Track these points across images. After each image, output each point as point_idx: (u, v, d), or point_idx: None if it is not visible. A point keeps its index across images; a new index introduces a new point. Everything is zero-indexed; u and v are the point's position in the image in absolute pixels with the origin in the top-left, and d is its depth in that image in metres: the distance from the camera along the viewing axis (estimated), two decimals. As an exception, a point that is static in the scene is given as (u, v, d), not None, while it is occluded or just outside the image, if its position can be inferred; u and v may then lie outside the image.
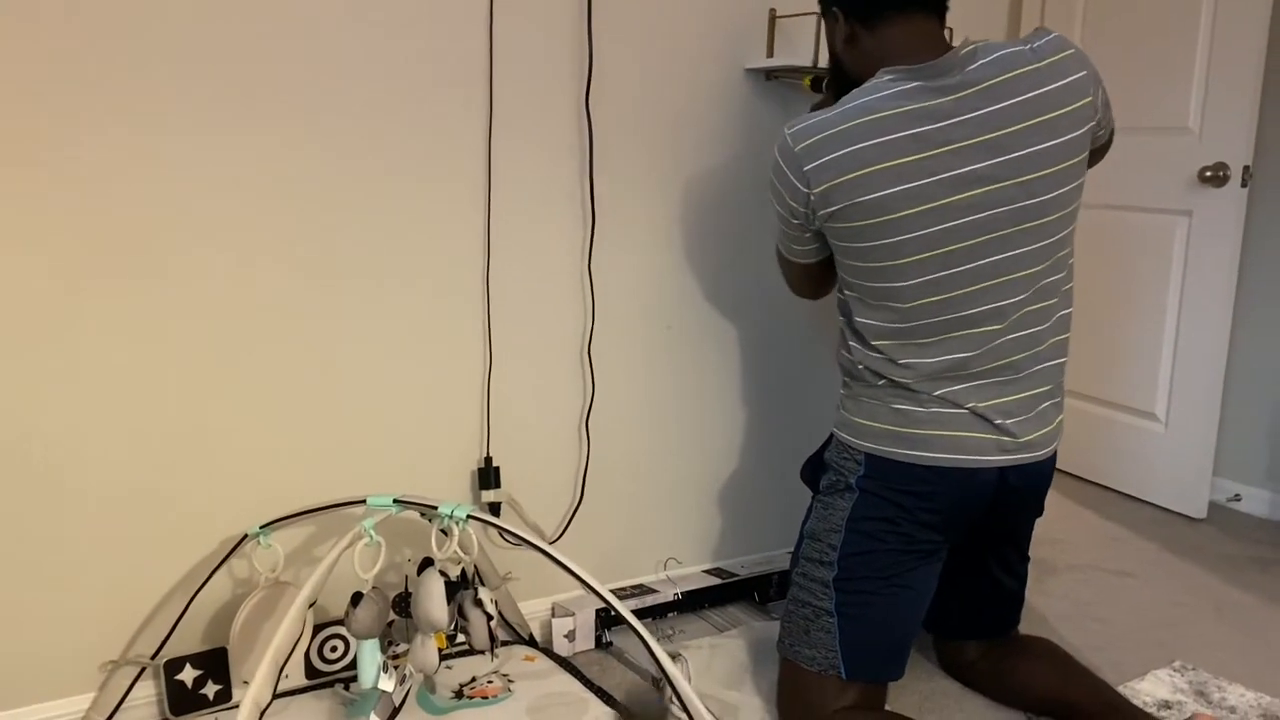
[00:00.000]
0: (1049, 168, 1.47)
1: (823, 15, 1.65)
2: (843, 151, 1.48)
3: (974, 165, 1.45)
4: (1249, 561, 2.68)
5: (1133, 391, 3.11)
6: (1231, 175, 2.77)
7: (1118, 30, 3.06)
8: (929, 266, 1.50)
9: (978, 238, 1.48)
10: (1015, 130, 1.46)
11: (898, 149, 1.46)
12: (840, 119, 1.49)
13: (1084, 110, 1.49)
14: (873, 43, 1.55)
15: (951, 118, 1.45)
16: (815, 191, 1.52)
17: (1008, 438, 1.57)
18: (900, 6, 1.52)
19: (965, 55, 1.48)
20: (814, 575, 1.67)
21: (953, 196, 1.46)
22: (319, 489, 1.79)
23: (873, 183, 1.47)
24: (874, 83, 1.51)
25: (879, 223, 1.49)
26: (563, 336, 2.00)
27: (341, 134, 1.70)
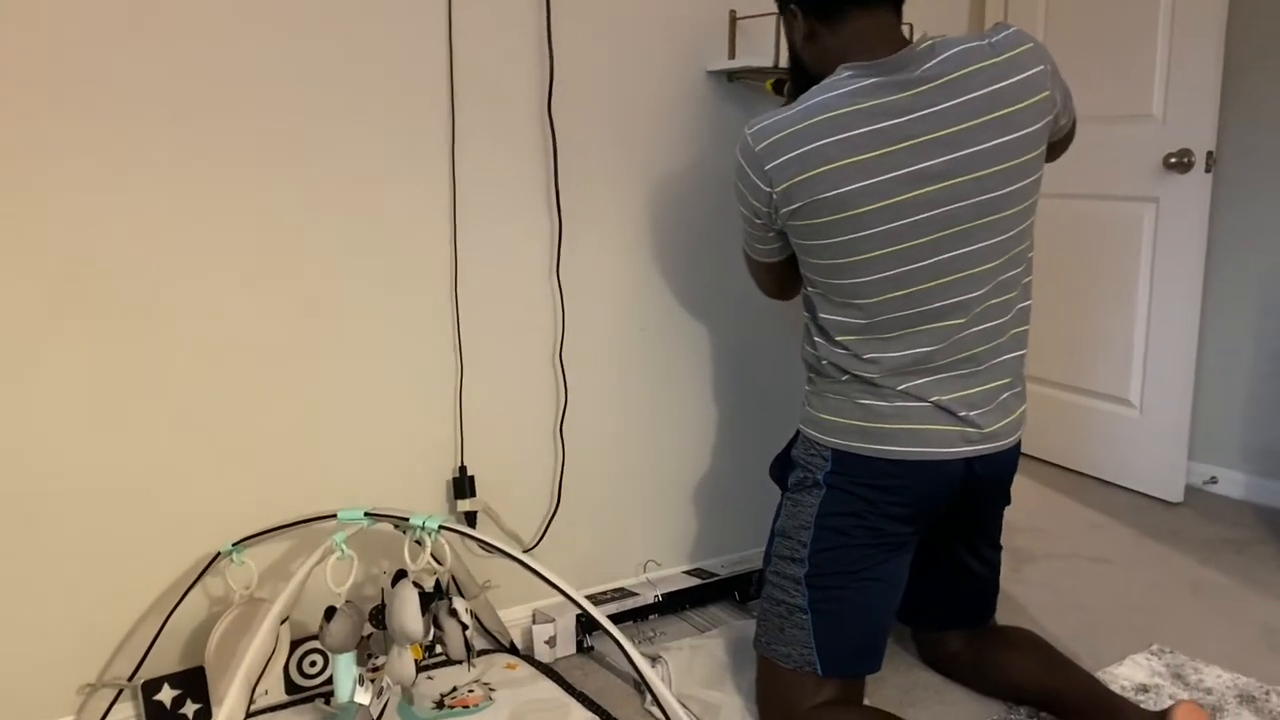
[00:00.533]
0: (1006, 162, 1.48)
1: (781, 13, 1.65)
2: (803, 149, 1.49)
3: (932, 161, 1.46)
4: (1225, 544, 2.70)
5: (1107, 378, 3.13)
6: (1196, 161, 2.79)
7: (1080, 19, 3.08)
8: (890, 262, 1.51)
9: (937, 233, 1.49)
10: (973, 125, 1.47)
11: (857, 145, 1.47)
12: (800, 117, 1.50)
13: (1042, 104, 1.50)
14: (832, 39, 1.56)
15: (910, 113, 1.46)
16: (777, 190, 1.52)
17: (972, 429, 1.59)
18: (860, 2, 1.53)
19: (923, 51, 1.49)
20: (786, 573, 1.68)
21: (912, 192, 1.47)
22: (293, 504, 1.79)
23: (833, 179, 1.48)
24: (833, 80, 1.52)
25: (840, 219, 1.49)
26: (534, 343, 2.01)
27: (301, 150, 1.70)
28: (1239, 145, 2.95)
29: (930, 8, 2.36)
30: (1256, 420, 3.01)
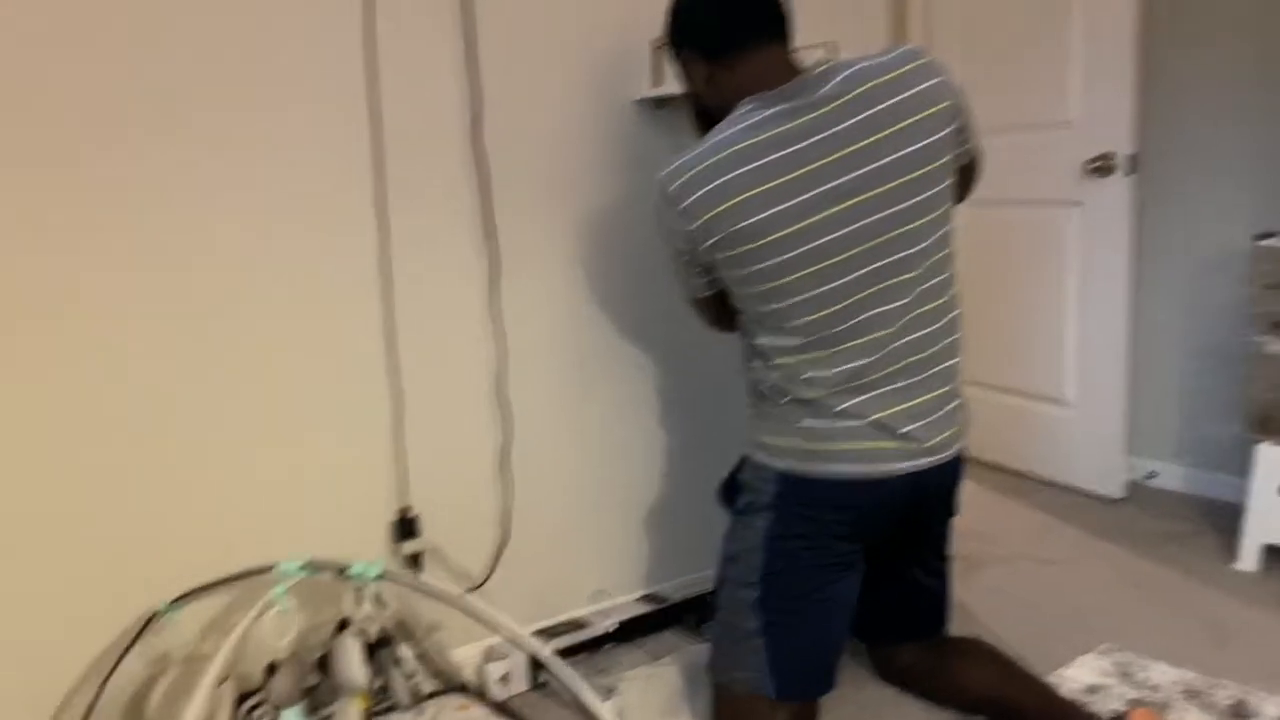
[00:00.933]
0: (912, 173, 1.51)
1: (676, 60, 1.70)
2: (715, 184, 1.52)
3: (840, 180, 1.49)
4: (1166, 538, 2.75)
5: (1043, 379, 3.18)
6: (1117, 164, 2.85)
7: (997, 30, 3.14)
8: (813, 282, 1.53)
9: (854, 249, 1.52)
10: (874, 141, 1.50)
11: (766, 174, 1.50)
12: (709, 153, 1.53)
13: (942, 115, 1.53)
14: (731, 78, 1.60)
15: (813, 136, 1.50)
16: (695, 226, 1.55)
17: (913, 443, 1.60)
18: (753, 40, 1.58)
19: (819, 75, 1.53)
20: (738, 597, 1.68)
21: (824, 212, 1.50)
22: (232, 556, 1.75)
23: (747, 209, 1.50)
24: (736, 114, 1.56)
25: (759, 246, 1.52)
26: (475, 377, 1.99)
27: (219, 187, 1.67)
28: (1160, 147, 3.01)
29: (850, 26, 2.38)
30: (1191, 413, 3.07)
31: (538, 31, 1.97)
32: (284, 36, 1.70)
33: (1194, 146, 2.95)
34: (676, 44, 1.68)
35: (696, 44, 1.63)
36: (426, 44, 1.85)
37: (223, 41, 1.64)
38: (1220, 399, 2.98)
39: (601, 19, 2.05)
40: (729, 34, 1.59)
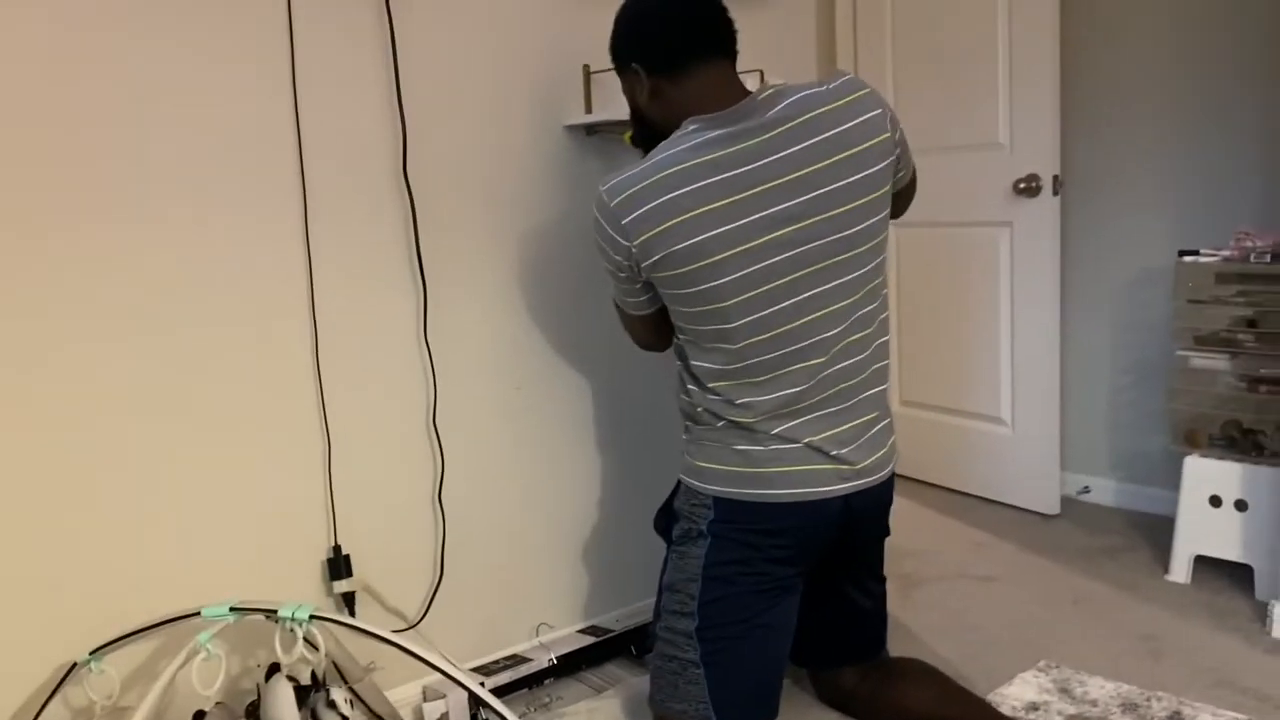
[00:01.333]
0: (854, 201, 1.52)
1: (621, 74, 1.68)
2: (657, 202, 1.50)
3: (783, 204, 1.50)
4: (1100, 552, 2.79)
5: (979, 398, 3.22)
6: (1043, 185, 2.91)
7: (926, 57, 3.19)
8: (752, 306, 1.53)
9: (795, 273, 1.52)
10: (819, 168, 1.50)
11: (709, 195, 1.49)
12: (652, 170, 1.52)
13: (884, 145, 1.55)
14: (677, 94, 1.59)
15: (758, 160, 1.50)
16: (635, 243, 1.54)
17: (845, 466, 1.61)
18: (700, 56, 1.57)
19: (765, 99, 1.53)
20: (677, 627, 1.66)
21: (766, 236, 1.50)
22: (156, 602, 1.69)
23: (689, 229, 1.50)
24: (680, 133, 1.55)
25: (700, 267, 1.51)
26: (405, 410, 1.95)
27: (137, 219, 1.63)
28: (1083, 168, 3.08)
29: (779, 52, 2.41)
30: (1121, 429, 3.13)
31: (466, 59, 1.96)
32: (205, 65, 1.66)
33: (1118, 167, 3.02)
34: (622, 57, 1.66)
35: (642, 58, 1.61)
36: (351, 74, 1.82)
37: (143, 69, 1.60)
38: (1148, 413, 3.04)
39: (533, 45, 2.04)
40: (675, 49, 1.58)
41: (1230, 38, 2.75)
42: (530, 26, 2.04)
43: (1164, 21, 2.87)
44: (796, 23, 2.46)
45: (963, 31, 3.06)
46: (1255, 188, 2.75)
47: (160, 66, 1.62)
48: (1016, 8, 2.90)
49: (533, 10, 2.04)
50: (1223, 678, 2.06)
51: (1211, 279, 2.58)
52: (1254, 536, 2.43)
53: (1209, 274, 2.58)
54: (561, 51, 2.08)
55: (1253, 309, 2.50)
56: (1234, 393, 2.53)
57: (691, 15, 1.58)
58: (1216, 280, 2.57)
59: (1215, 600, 2.44)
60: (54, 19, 1.52)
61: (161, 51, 1.62)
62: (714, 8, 1.61)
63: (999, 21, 2.95)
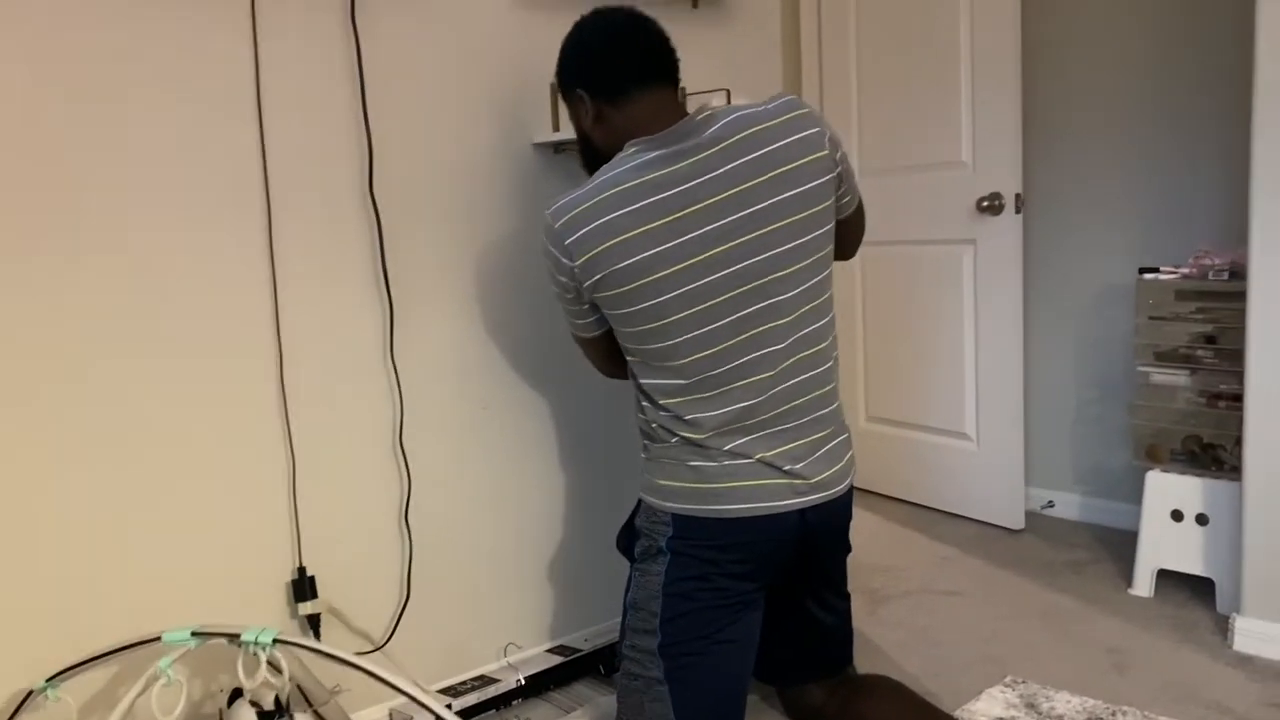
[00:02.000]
0: (791, 217, 1.55)
1: (566, 99, 1.72)
2: (598, 223, 1.54)
3: (720, 221, 1.53)
4: (1065, 566, 2.81)
5: (944, 414, 3.25)
6: (1006, 203, 2.95)
7: (891, 77, 3.23)
8: (694, 323, 1.55)
9: (735, 290, 1.54)
10: (755, 185, 1.53)
11: (648, 214, 1.52)
12: (593, 193, 1.56)
13: (821, 162, 1.57)
14: (620, 118, 1.63)
15: (694, 179, 1.53)
16: (578, 264, 1.56)
17: (799, 480, 1.62)
18: (642, 83, 1.62)
19: (702, 120, 1.58)
20: (641, 645, 1.66)
21: (705, 253, 1.53)
22: (116, 626, 1.66)
23: (629, 249, 1.52)
24: (621, 156, 1.59)
25: (641, 286, 1.54)
26: (371, 430, 1.94)
27: (100, 239, 1.61)
28: (1045, 187, 3.13)
29: (747, 72, 2.42)
30: (1084, 443, 3.16)
31: (433, 76, 1.96)
32: (167, 82, 1.65)
33: (1079, 186, 3.06)
34: (568, 83, 1.70)
35: (586, 83, 1.66)
36: (316, 91, 1.81)
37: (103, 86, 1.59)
38: (1111, 428, 3.08)
39: (500, 63, 2.04)
40: (618, 75, 1.62)
41: (1188, 61, 2.80)
42: (497, 44, 2.04)
43: (1124, 45, 2.92)
44: (762, 44, 2.48)
45: (926, 52, 3.10)
46: (1213, 207, 2.80)
47: (121, 83, 1.61)
48: (979, 29, 2.94)
49: (500, 28, 2.04)
50: (1186, 691, 2.08)
51: (1171, 296, 2.62)
52: (1215, 550, 2.46)
53: (1169, 291, 2.62)
54: (528, 69, 2.09)
55: (1212, 325, 2.53)
56: (1194, 408, 2.57)
57: (635, 44, 1.63)
58: (1176, 297, 2.61)
59: (1178, 614, 2.46)
60: (9, 37, 1.50)
61: (123, 69, 1.61)
62: (657, 37, 1.66)
63: (962, 42, 2.99)
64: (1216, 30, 2.73)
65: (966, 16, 2.97)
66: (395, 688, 1.50)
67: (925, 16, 3.09)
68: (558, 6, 2.10)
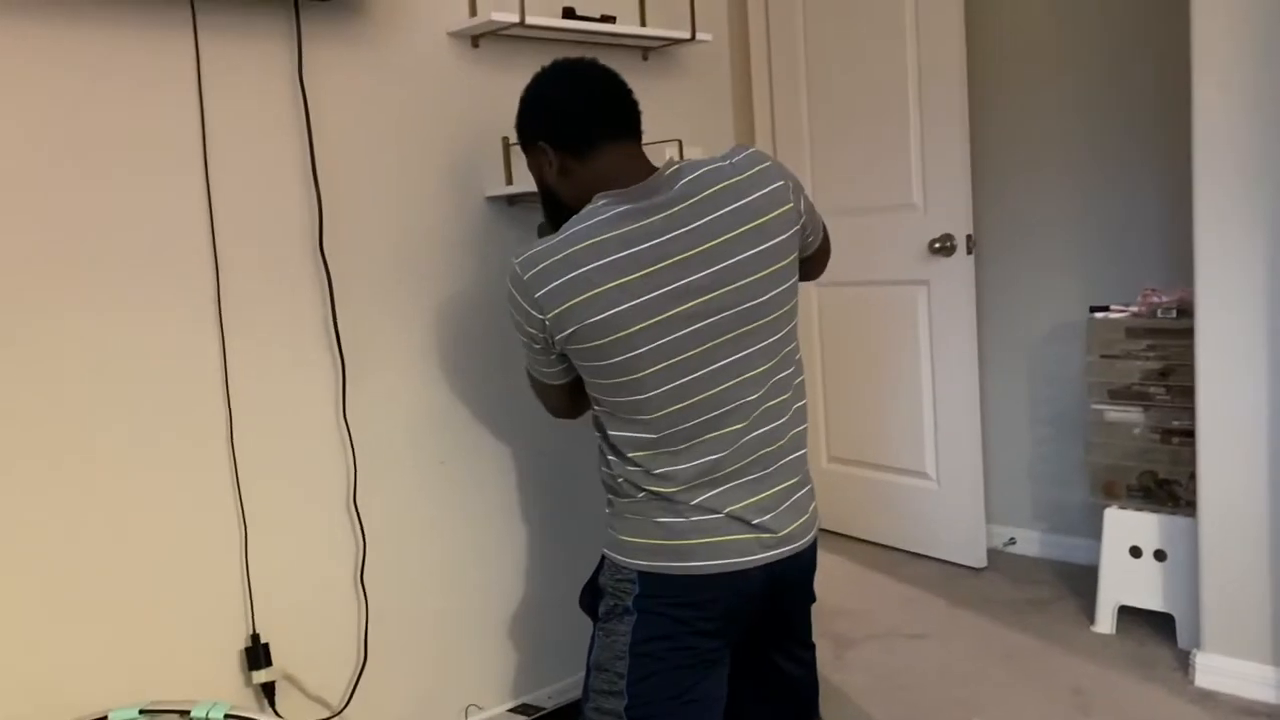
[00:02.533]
0: (761, 271, 1.55)
1: (527, 151, 1.70)
2: (569, 276, 1.51)
3: (692, 276, 1.52)
4: (1028, 604, 2.82)
5: (905, 454, 3.26)
6: (957, 245, 2.98)
7: (842, 123, 3.27)
8: (667, 376, 1.54)
9: (707, 343, 1.53)
10: (726, 240, 1.53)
11: (620, 269, 1.51)
12: (564, 245, 1.53)
13: (788, 215, 1.58)
14: (585, 172, 1.62)
15: (666, 234, 1.52)
16: (549, 316, 1.54)
17: (768, 534, 1.60)
18: (608, 136, 1.61)
19: (671, 175, 1.56)
20: (606, 708, 1.63)
21: (677, 308, 1.51)
22: (62, 705, 1.61)
23: (602, 303, 1.50)
24: (591, 208, 1.57)
25: (613, 340, 1.52)
26: (324, 491, 1.91)
27: (44, 299, 1.58)
28: (995, 228, 3.17)
29: (699, 119, 2.44)
30: (1043, 480, 3.19)
31: (383, 133, 1.95)
32: (112, 141, 1.63)
33: (1028, 227, 3.11)
34: (528, 135, 1.68)
35: (549, 136, 1.64)
36: (264, 149, 1.80)
37: (45, 146, 1.56)
38: (1068, 465, 3.11)
39: (451, 119, 2.04)
40: (583, 129, 1.61)
41: (1131, 105, 2.86)
42: (448, 98, 2.04)
43: (1068, 90, 2.98)
44: (713, 93, 2.50)
45: (876, 98, 3.14)
46: (1158, 245, 2.85)
47: (62, 143, 1.58)
48: (926, 76, 2.99)
49: (450, 82, 2.04)
50: (1150, 730, 2.08)
51: (1122, 334, 2.66)
52: (1173, 586, 2.48)
53: (1119, 329, 2.65)
54: (480, 122, 2.09)
55: (1162, 362, 2.57)
56: (1148, 444, 2.60)
57: (599, 97, 1.62)
58: (1127, 335, 2.65)
59: (1140, 650, 2.47)
60: (-50, 102, 1.48)
61: (62, 129, 1.59)
62: (620, 89, 1.65)
63: (910, 88, 3.04)
64: (1156, 76, 2.80)
65: (914, 62, 3.02)
66: (352, 760, 1.46)
67: (874, 63, 3.13)
68: (508, 60, 2.11)
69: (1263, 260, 2.12)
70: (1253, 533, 2.18)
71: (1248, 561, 2.20)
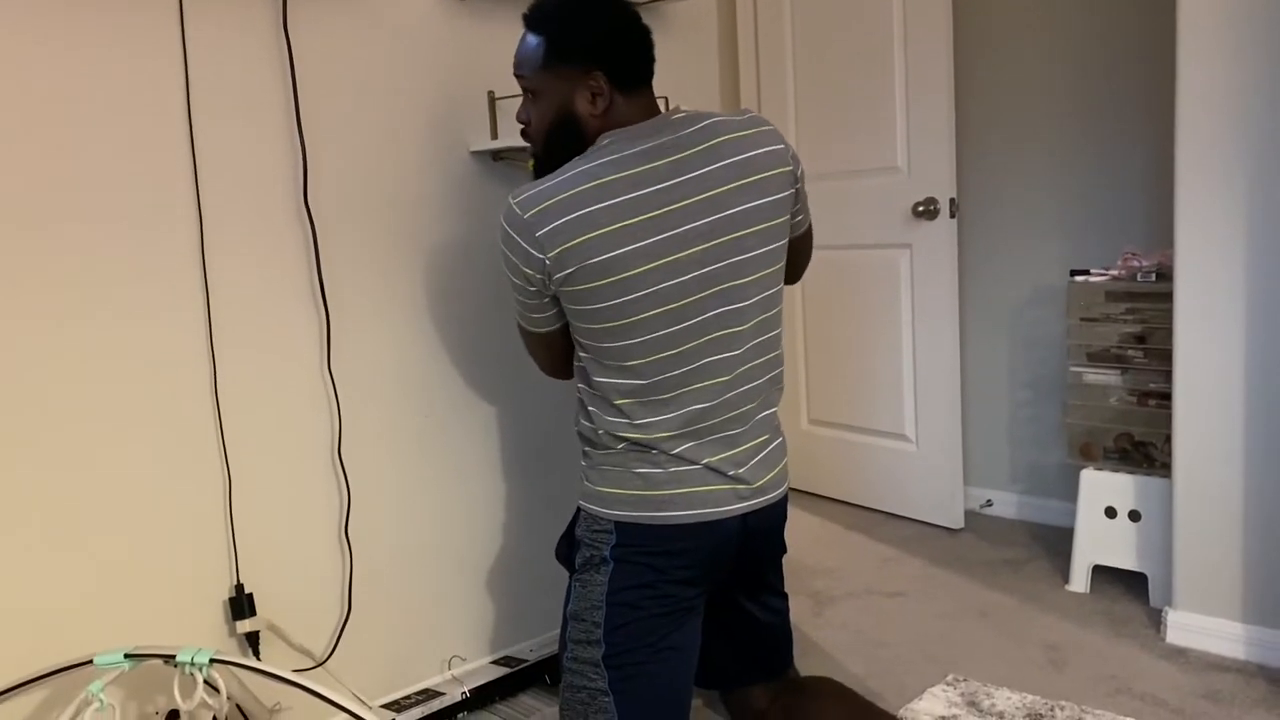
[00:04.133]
0: (759, 224, 1.56)
1: (561, 76, 1.59)
2: (573, 215, 1.50)
3: (695, 222, 1.52)
4: (1003, 564, 2.86)
5: (885, 416, 3.28)
6: (940, 208, 2.99)
7: (827, 85, 3.26)
8: (661, 322, 1.55)
9: (703, 292, 1.54)
10: (729, 189, 1.54)
11: (625, 210, 1.50)
12: (568, 184, 1.52)
13: (786, 176, 1.60)
14: (627, 108, 1.59)
15: (672, 178, 1.53)
16: (550, 255, 1.53)
17: (743, 485, 1.63)
18: (647, 79, 1.62)
19: (678, 120, 1.58)
20: (583, 656, 1.65)
21: (679, 253, 1.52)
22: (47, 650, 1.61)
23: (605, 244, 1.50)
24: (595, 149, 1.56)
25: (613, 282, 1.52)
26: (309, 442, 1.91)
27: (32, 252, 1.57)
28: (978, 192, 3.18)
29: (684, 80, 2.43)
30: (1021, 443, 3.22)
31: (368, 84, 1.94)
32: (94, 90, 1.61)
33: (1010, 190, 3.12)
34: (584, 59, 1.58)
35: (607, 64, 1.58)
36: (248, 99, 1.78)
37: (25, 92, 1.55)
38: (1046, 428, 3.14)
39: (437, 71, 2.03)
40: (639, 67, 1.61)
41: (1113, 70, 2.87)
42: (434, 51, 2.02)
43: (1052, 52, 2.99)
44: (699, 51, 2.49)
45: (861, 61, 3.14)
46: (1139, 209, 2.87)
47: (44, 96, 1.57)
48: (912, 38, 2.99)
49: (436, 34, 2.02)
50: (1121, 685, 2.12)
51: (1102, 297, 2.68)
52: (1147, 546, 2.52)
53: (1099, 293, 2.68)
54: (466, 76, 2.07)
55: (1141, 325, 2.60)
56: (1126, 407, 2.63)
57: (648, 35, 1.63)
58: (1107, 298, 2.67)
59: (1113, 608, 2.52)
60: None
61: (46, 81, 1.57)
62: (650, 38, 1.65)
63: (895, 51, 3.04)
64: (1141, 40, 2.80)
65: (900, 25, 3.02)
66: (337, 704, 1.48)
67: (860, 25, 3.13)
68: (494, 13, 2.09)
69: (1242, 226, 2.14)
70: (1225, 494, 2.22)
71: (1220, 522, 2.23)
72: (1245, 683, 2.11)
